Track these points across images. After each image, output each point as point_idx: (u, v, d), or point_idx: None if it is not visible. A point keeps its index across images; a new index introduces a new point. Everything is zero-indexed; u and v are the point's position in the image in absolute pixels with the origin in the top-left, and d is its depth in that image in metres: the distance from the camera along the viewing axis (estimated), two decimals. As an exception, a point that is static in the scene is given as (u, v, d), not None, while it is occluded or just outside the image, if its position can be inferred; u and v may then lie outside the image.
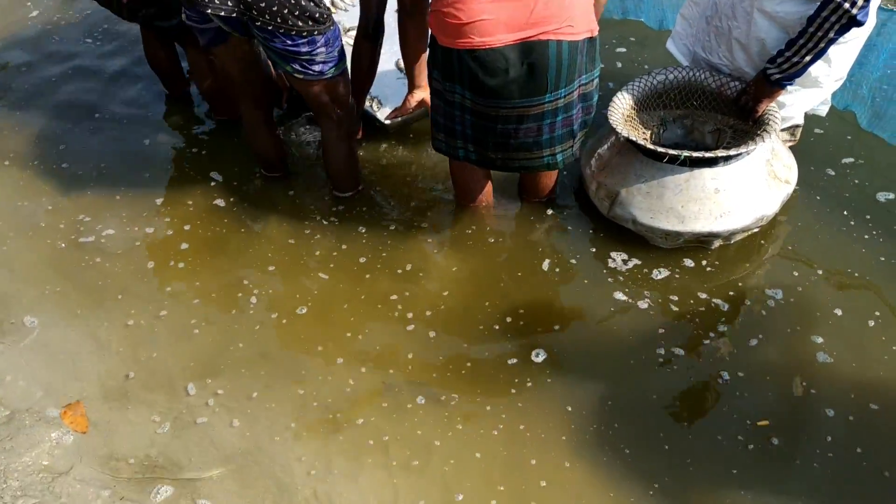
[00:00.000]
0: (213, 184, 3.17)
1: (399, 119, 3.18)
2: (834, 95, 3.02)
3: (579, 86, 2.45)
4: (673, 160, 2.58)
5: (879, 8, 2.92)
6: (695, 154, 2.54)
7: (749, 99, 2.64)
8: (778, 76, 2.50)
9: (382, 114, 3.25)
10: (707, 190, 2.62)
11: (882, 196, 2.91)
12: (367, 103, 3.28)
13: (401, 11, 2.73)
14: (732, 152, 2.53)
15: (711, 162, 2.59)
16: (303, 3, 2.41)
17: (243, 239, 2.92)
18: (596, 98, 2.58)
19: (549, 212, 2.95)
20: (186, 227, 2.97)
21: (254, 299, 2.69)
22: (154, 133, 3.47)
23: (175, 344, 2.55)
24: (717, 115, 2.84)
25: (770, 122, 2.61)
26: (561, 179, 3.01)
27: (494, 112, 2.42)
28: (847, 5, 2.23)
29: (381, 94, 3.35)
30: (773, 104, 2.64)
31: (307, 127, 3.44)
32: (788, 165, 2.79)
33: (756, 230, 2.77)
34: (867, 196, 2.93)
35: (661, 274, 2.69)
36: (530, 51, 2.29)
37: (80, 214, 3.03)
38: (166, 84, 3.62)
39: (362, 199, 3.08)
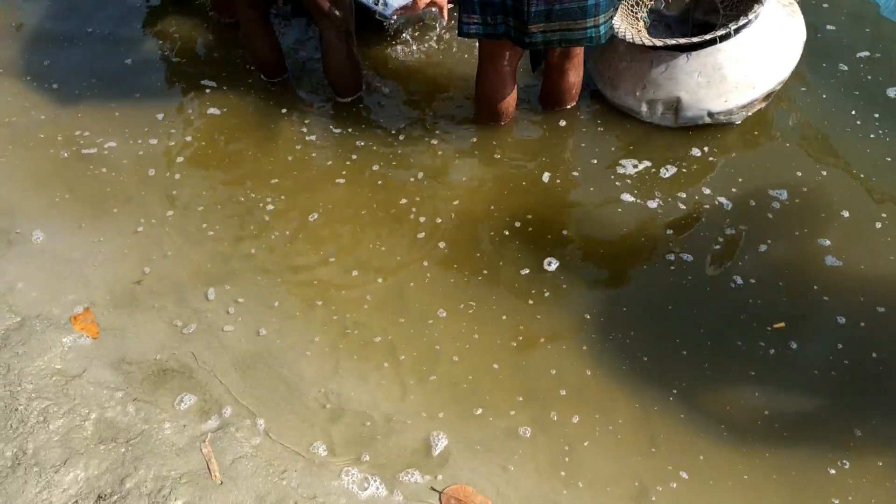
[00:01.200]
0: (209, 92, 3.11)
1: (406, 17, 3.07)
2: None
3: None
4: (725, 38, 2.61)
5: None
6: (740, 21, 2.57)
7: None
8: None
9: (388, 12, 3.14)
10: (758, 47, 2.65)
11: (893, 92, 2.84)
12: (372, 3, 3.17)
13: None
14: (764, 1, 2.58)
15: (749, 23, 2.62)
16: None
17: (249, 148, 2.89)
18: None
19: (563, 123, 2.88)
20: (188, 139, 2.93)
21: (265, 206, 2.68)
22: (145, 45, 3.37)
23: (184, 252, 2.56)
24: None
25: None
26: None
27: None
28: None
29: None
30: None
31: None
32: None
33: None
34: (878, 92, 2.86)
35: (668, 172, 2.67)
36: None
37: (77, 130, 2.98)
38: None
39: (367, 105, 3.02)
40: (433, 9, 2.71)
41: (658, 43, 2.63)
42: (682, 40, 2.62)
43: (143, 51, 3.34)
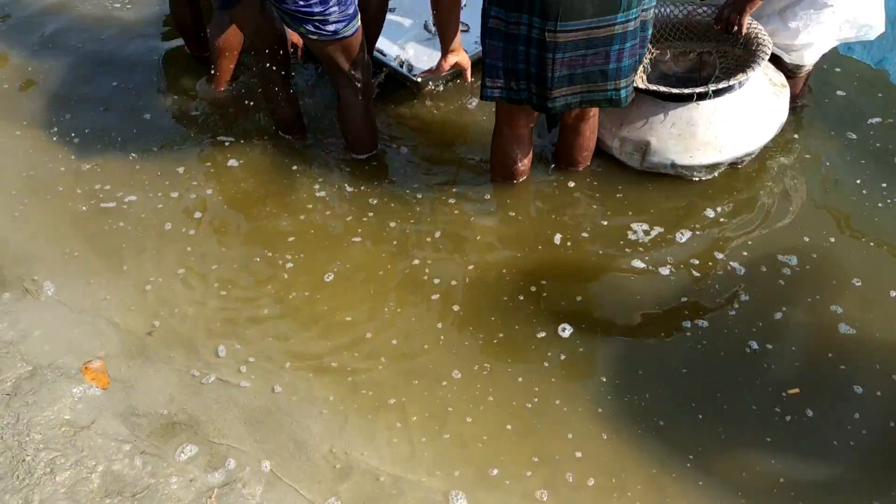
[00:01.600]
0: (228, 145, 3.14)
1: (431, 79, 3.14)
2: (868, 49, 2.98)
3: (642, 11, 2.37)
4: (702, 96, 2.66)
5: None
6: (721, 84, 2.64)
7: (731, 11, 2.65)
8: None
9: (414, 74, 3.21)
10: (734, 115, 2.72)
11: (901, 159, 2.87)
12: (397, 65, 3.24)
13: None
14: (749, 73, 2.63)
15: (730, 89, 2.68)
16: None
17: (266, 205, 2.90)
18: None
19: (576, 184, 2.91)
20: (208, 192, 2.96)
21: (282, 263, 2.67)
22: (164, 100, 3.41)
23: (197, 306, 2.55)
24: (692, 43, 2.95)
25: (759, 35, 2.72)
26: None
27: (563, 38, 2.31)
28: None
29: (410, 57, 3.31)
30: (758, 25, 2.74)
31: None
32: (775, 71, 2.89)
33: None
34: (886, 161, 2.88)
35: (683, 237, 2.68)
36: None
37: (97, 183, 3.00)
38: (189, 44, 3.60)
39: (383, 162, 3.06)
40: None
41: (641, 85, 2.67)
42: (663, 88, 2.68)
43: (162, 106, 3.39)
